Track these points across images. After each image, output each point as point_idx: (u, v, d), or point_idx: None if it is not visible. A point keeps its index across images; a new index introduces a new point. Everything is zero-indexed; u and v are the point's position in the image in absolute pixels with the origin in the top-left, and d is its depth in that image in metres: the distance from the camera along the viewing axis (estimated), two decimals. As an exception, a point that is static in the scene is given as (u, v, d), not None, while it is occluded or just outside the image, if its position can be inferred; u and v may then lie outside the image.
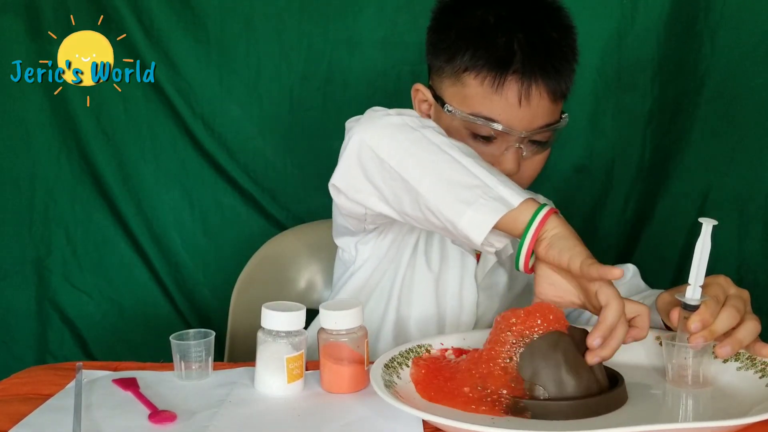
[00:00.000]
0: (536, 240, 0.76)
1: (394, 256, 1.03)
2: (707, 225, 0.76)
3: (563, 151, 1.38)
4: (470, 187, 0.77)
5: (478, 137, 0.94)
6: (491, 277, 1.06)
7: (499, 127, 0.92)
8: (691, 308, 0.75)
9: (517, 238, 0.77)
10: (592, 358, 0.74)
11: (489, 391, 0.72)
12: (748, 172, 1.35)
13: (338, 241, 1.08)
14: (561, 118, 0.97)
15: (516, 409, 0.71)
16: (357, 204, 0.90)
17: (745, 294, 0.79)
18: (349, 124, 0.90)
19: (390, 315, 1.03)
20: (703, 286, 0.76)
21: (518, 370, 0.73)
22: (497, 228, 0.76)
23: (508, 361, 0.73)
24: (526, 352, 0.73)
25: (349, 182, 0.87)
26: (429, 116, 1.01)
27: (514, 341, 0.74)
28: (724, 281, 0.79)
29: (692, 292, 0.76)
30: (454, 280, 1.03)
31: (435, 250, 1.04)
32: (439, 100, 0.97)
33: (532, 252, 0.77)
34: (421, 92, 1.02)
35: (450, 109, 0.94)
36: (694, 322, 0.74)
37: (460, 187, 0.77)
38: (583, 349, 0.75)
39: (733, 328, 0.76)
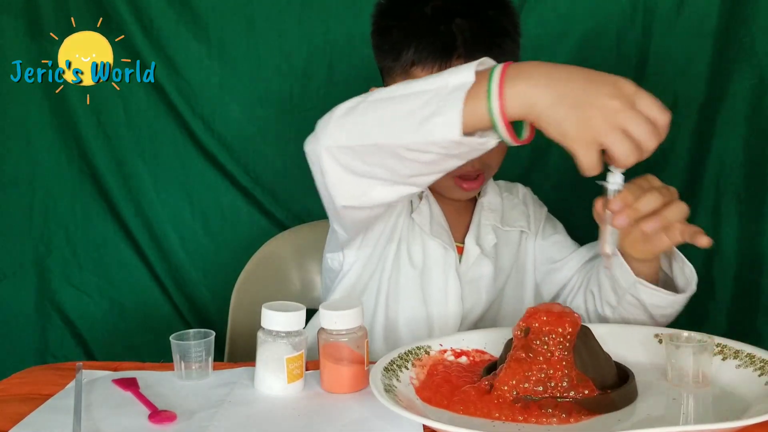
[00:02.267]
0: (502, 95, 0.71)
1: (379, 256, 1.03)
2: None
3: (563, 150, 1.37)
4: (426, 102, 0.74)
5: None
6: (475, 269, 1.06)
7: None
8: (613, 192, 0.77)
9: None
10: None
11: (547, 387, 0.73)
12: (747, 171, 1.35)
13: (328, 255, 1.08)
14: None
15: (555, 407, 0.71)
16: (372, 207, 0.89)
17: (672, 189, 0.81)
18: (307, 147, 0.89)
19: (379, 315, 1.03)
20: (629, 182, 0.78)
21: (580, 368, 0.73)
22: (475, 118, 0.72)
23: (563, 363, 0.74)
24: (579, 348, 0.74)
25: (351, 193, 0.86)
26: None
27: (560, 340, 0.74)
28: (651, 178, 0.81)
29: (613, 177, 0.76)
30: (437, 275, 1.04)
31: (417, 247, 1.04)
32: None
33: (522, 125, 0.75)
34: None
35: None
36: (615, 201, 0.76)
37: (419, 109, 0.74)
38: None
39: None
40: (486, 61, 0.74)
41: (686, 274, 0.90)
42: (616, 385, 0.75)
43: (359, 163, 0.82)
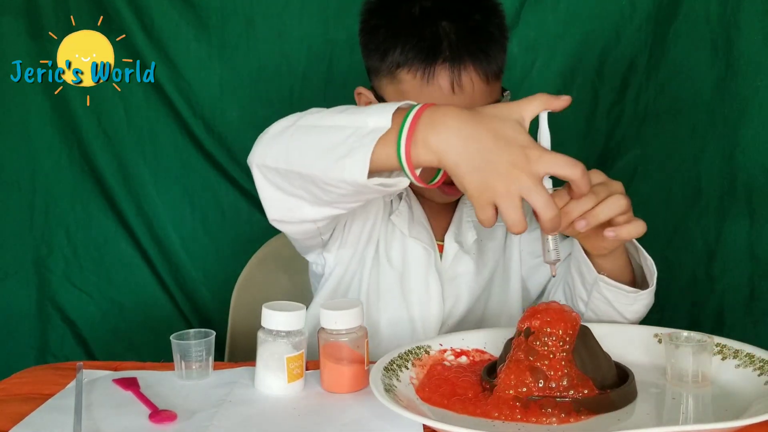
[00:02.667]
0: (410, 144, 0.72)
1: (360, 258, 1.03)
2: (544, 114, 0.76)
3: (562, 151, 1.38)
4: (344, 140, 0.75)
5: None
6: (455, 267, 1.05)
7: None
8: None
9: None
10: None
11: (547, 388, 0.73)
12: (746, 171, 1.35)
13: (307, 257, 1.08)
14: (502, 96, 0.98)
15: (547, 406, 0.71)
16: (300, 222, 0.90)
17: (616, 184, 0.79)
18: (247, 159, 0.90)
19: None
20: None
21: (580, 368, 0.73)
22: (385, 161, 0.73)
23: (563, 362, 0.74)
24: (578, 348, 0.74)
25: (279, 207, 0.87)
26: None
27: (561, 341, 0.74)
28: (594, 174, 0.79)
29: (545, 181, 0.74)
30: (418, 276, 1.04)
31: (396, 247, 1.04)
32: (381, 100, 0.98)
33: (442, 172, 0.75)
34: (363, 95, 1.03)
35: None
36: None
37: (336, 146, 0.75)
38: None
39: None
40: (408, 103, 0.75)
41: (649, 268, 0.89)
42: (615, 385, 0.75)
43: (286, 184, 0.83)
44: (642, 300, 0.90)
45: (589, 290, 0.93)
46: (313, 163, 0.78)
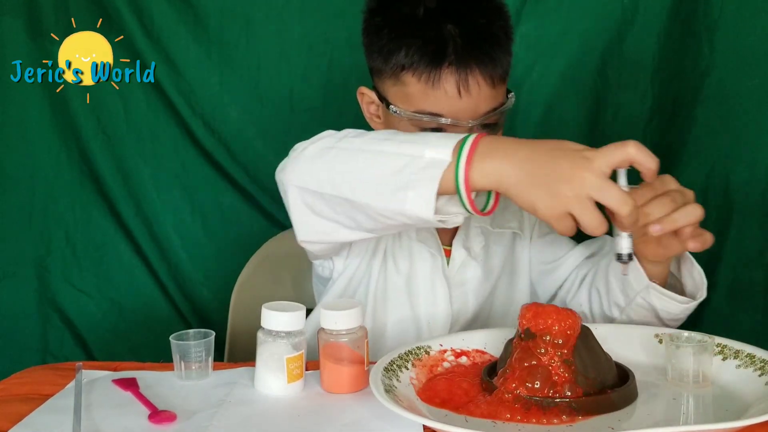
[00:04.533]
0: (468, 184, 0.72)
1: (366, 267, 1.03)
2: (623, 172, 0.75)
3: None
4: (400, 169, 0.75)
5: (427, 131, 0.94)
6: (463, 272, 1.05)
7: (445, 120, 0.92)
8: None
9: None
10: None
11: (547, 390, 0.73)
12: (746, 171, 1.35)
13: (314, 261, 1.08)
14: (507, 98, 0.98)
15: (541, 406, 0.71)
16: (330, 244, 0.91)
17: (689, 192, 0.79)
18: (277, 176, 0.90)
19: (367, 322, 1.03)
20: (644, 183, 0.77)
21: (580, 368, 0.73)
22: (445, 192, 0.74)
23: (563, 362, 0.73)
24: (579, 348, 0.74)
25: (312, 230, 0.87)
26: (378, 117, 1.02)
27: (562, 342, 0.74)
28: (668, 179, 0.79)
29: (621, 179, 0.75)
30: (424, 280, 1.03)
31: (403, 252, 1.04)
32: (384, 101, 0.97)
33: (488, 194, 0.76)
34: (366, 95, 1.02)
35: (395, 109, 0.95)
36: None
37: (392, 176, 0.75)
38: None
39: None
40: (455, 135, 0.75)
41: (695, 279, 0.89)
42: (616, 385, 0.75)
43: (326, 208, 0.83)
44: (689, 310, 0.90)
45: (631, 297, 0.92)
46: (366, 192, 0.77)
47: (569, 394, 0.72)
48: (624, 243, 0.76)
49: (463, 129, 0.92)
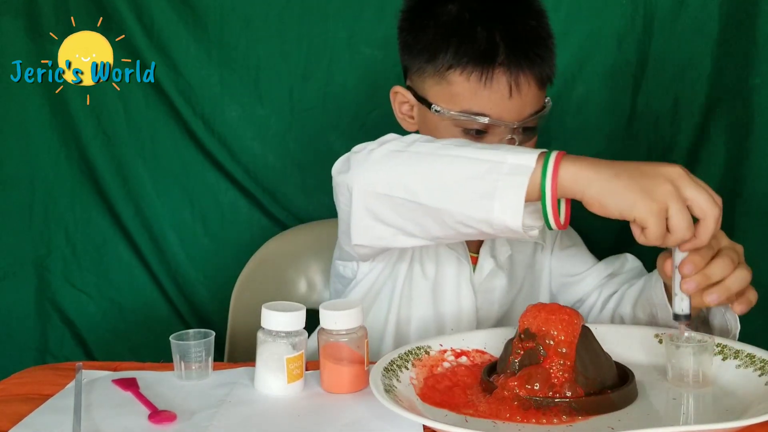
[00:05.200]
0: (556, 189, 0.71)
1: (392, 270, 1.03)
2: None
3: (564, 149, 1.38)
4: (482, 175, 0.73)
5: (470, 132, 0.94)
6: (490, 281, 1.06)
7: (490, 120, 0.92)
8: (680, 254, 0.75)
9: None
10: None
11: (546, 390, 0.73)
12: (749, 172, 1.35)
13: (339, 262, 1.07)
14: (546, 103, 0.98)
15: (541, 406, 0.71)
16: (383, 249, 0.90)
17: (739, 247, 0.79)
18: (338, 176, 0.88)
19: (390, 326, 1.03)
20: None
21: (580, 368, 0.73)
22: (528, 199, 0.72)
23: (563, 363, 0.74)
24: (579, 348, 0.74)
25: (369, 235, 0.85)
26: (411, 117, 1.01)
27: (562, 342, 0.74)
28: (720, 235, 0.78)
29: (676, 255, 0.75)
30: (450, 286, 1.03)
31: (430, 258, 1.03)
32: (424, 101, 0.96)
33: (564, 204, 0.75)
34: (400, 94, 1.01)
35: (438, 109, 0.94)
36: (686, 264, 0.73)
37: (473, 180, 0.73)
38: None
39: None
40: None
41: (728, 321, 0.87)
42: (616, 385, 0.75)
43: (392, 213, 0.81)
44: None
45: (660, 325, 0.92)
46: (445, 198, 0.75)
47: (569, 394, 0.72)
48: (685, 304, 0.76)
49: (506, 130, 0.92)
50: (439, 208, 0.76)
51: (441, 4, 0.94)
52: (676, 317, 0.77)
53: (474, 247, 1.06)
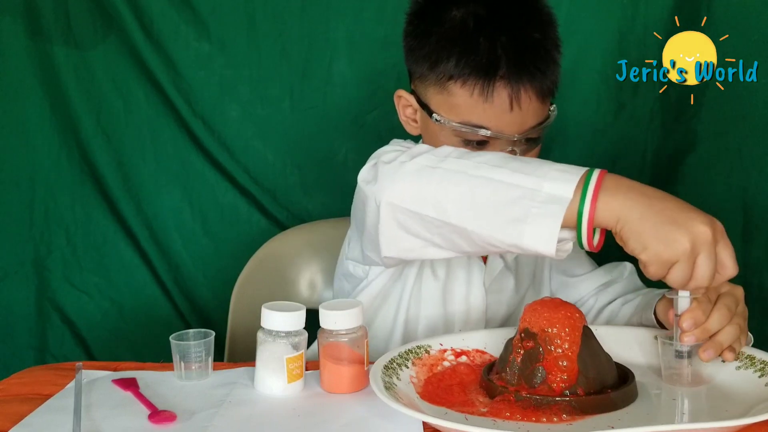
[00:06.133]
0: (593, 222, 0.70)
1: (403, 269, 1.02)
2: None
3: (565, 152, 1.38)
4: (515, 200, 0.72)
5: (471, 143, 0.92)
6: (499, 281, 1.06)
7: (490, 133, 0.91)
8: (682, 307, 0.75)
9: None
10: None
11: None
12: (752, 174, 1.35)
13: (350, 262, 1.06)
14: (550, 112, 0.96)
15: (539, 405, 0.71)
16: (413, 260, 0.89)
17: (738, 291, 0.79)
18: (366, 186, 0.86)
19: (398, 327, 1.03)
20: None
21: (580, 368, 0.73)
22: (563, 227, 0.71)
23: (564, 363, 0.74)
24: (580, 348, 0.74)
25: (399, 247, 0.84)
26: (415, 121, 1.00)
27: (562, 341, 0.74)
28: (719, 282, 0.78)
29: (683, 291, 0.75)
30: (460, 286, 1.03)
31: (441, 261, 1.03)
32: (426, 108, 0.95)
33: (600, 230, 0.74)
34: (404, 98, 1.00)
35: (438, 118, 0.93)
36: (686, 320, 0.74)
37: (506, 206, 0.72)
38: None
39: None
40: (573, 168, 0.73)
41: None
42: (616, 385, 0.75)
43: (421, 228, 0.80)
44: None
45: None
46: (476, 221, 0.75)
47: (569, 393, 0.72)
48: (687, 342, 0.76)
49: (507, 143, 0.91)
50: (469, 229, 0.75)
51: (446, 9, 0.92)
52: (679, 354, 0.77)
53: None
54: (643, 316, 0.93)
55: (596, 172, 0.72)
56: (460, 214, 0.76)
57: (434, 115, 0.93)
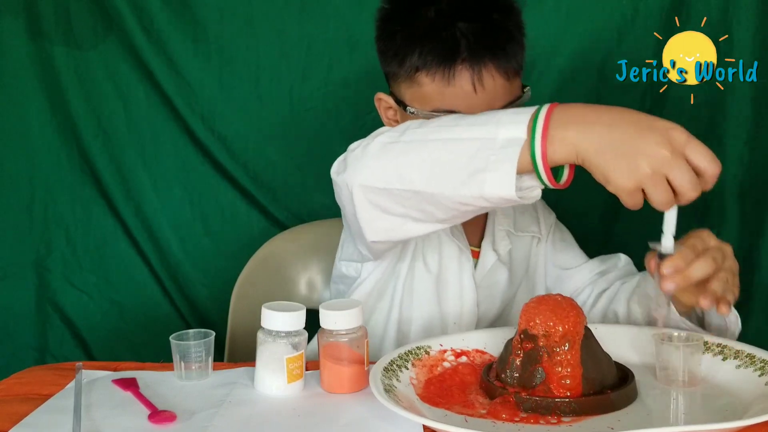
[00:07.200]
0: (546, 144, 0.71)
1: (394, 266, 1.03)
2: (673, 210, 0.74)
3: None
4: (475, 153, 0.73)
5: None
6: (491, 276, 1.06)
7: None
8: (665, 256, 0.75)
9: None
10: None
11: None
12: (752, 171, 1.35)
13: (343, 263, 1.07)
14: (523, 92, 0.98)
15: (538, 408, 0.71)
16: (398, 240, 0.91)
17: (727, 247, 0.79)
18: (337, 177, 0.88)
19: (392, 324, 1.03)
20: (685, 238, 0.78)
21: (583, 369, 0.73)
22: (522, 170, 0.72)
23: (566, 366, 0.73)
24: (582, 351, 0.74)
25: (379, 228, 0.86)
26: (396, 121, 1.02)
27: (563, 341, 0.74)
28: (706, 235, 0.79)
29: (665, 240, 0.75)
30: (453, 281, 1.03)
31: (433, 252, 1.03)
32: (401, 104, 0.98)
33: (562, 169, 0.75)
34: (383, 100, 1.02)
35: (412, 110, 0.95)
36: (666, 266, 0.74)
37: (467, 161, 0.73)
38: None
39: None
40: (525, 109, 0.74)
41: (728, 322, 0.87)
42: (616, 385, 0.75)
43: (395, 204, 0.81)
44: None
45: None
46: (440, 182, 0.76)
47: (569, 394, 0.72)
48: (661, 299, 0.78)
49: None
50: (436, 193, 0.76)
51: (410, 10, 0.95)
52: (656, 312, 0.78)
53: (475, 240, 1.06)
54: (642, 284, 0.94)
55: (545, 108, 0.72)
56: (424, 180, 0.77)
57: (408, 108, 0.96)
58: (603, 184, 0.70)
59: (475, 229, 1.07)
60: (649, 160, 0.68)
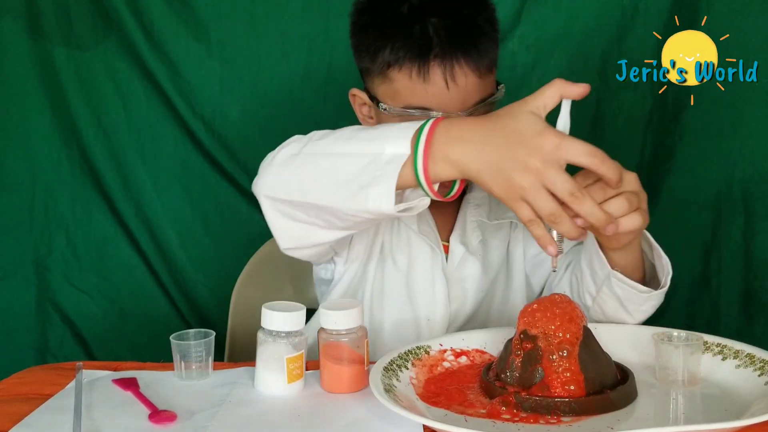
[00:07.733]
0: (428, 170, 0.73)
1: (365, 265, 1.04)
2: (566, 102, 0.74)
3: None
4: (363, 169, 0.76)
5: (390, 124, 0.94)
6: (462, 269, 1.04)
7: (435, 114, 0.92)
8: None
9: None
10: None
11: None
12: (751, 171, 1.35)
13: (319, 267, 1.09)
14: (497, 89, 0.98)
15: (537, 407, 0.71)
16: (313, 247, 0.92)
17: (644, 195, 0.78)
18: (252, 188, 0.90)
19: (365, 322, 1.02)
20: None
21: (581, 369, 0.73)
22: (407, 185, 0.76)
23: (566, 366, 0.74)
24: (582, 351, 0.74)
25: (291, 236, 0.89)
26: (371, 118, 1.03)
27: (562, 341, 0.74)
28: (631, 178, 0.76)
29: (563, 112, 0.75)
30: (423, 277, 1.03)
31: (401, 247, 1.04)
32: (374, 100, 0.98)
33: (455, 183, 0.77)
34: (358, 96, 1.03)
35: (384, 107, 0.95)
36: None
37: (356, 176, 0.76)
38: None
39: None
40: (412, 124, 0.76)
41: (664, 266, 0.87)
42: (616, 385, 0.75)
43: (299, 213, 0.84)
44: (653, 300, 0.89)
45: (599, 285, 0.91)
46: (332, 196, 0.79)
47: (571, 393, 0.72)
48: (554, 235, 0.75)
49: None
50: (330, 206, 0.80)
51: (382, 4, 0.96)
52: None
53: (445, 235, 1.06)
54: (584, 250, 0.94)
55: (429, 124, 0.75)
56: (318, 194, 0.80)
57: (381, 104, 0.96)
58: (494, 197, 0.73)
59: (447, 225, 1.06)
60: (521, 174, 0.70)
